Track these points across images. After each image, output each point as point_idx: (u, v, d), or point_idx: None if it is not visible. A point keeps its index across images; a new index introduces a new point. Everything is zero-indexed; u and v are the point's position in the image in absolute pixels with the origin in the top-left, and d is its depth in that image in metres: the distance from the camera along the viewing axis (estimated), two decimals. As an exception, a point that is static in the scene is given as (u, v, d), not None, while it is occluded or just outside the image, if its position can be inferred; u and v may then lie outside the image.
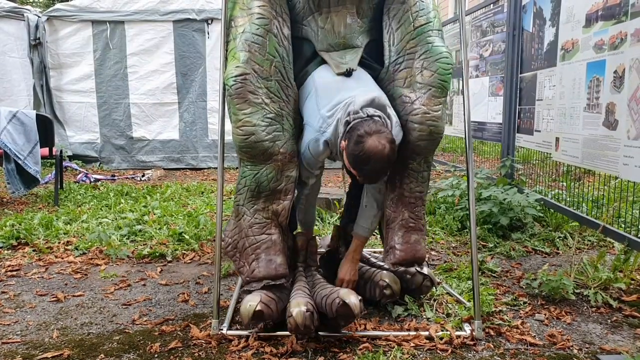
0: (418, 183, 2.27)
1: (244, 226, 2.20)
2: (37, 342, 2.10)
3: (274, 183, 2.17)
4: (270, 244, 2.18)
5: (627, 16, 2.63)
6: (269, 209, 2.20)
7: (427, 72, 2.20)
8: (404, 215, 2.27)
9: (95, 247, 3.33)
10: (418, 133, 2.17)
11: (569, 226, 3.68)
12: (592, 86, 2.96)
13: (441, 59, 2.19)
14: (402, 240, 2.27)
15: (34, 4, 16.34)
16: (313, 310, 2.01)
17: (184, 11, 6.94)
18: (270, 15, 2.16)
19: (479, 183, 4.01)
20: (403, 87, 2.25)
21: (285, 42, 2.20)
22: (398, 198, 2.28)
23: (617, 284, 2.58)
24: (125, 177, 6.38)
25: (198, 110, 7.17)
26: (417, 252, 2.29)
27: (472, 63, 5.04)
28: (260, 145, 2.11)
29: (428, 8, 2.26)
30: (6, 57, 6.85)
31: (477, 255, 3.13)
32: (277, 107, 2.16)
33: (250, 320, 2.06)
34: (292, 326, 1.98)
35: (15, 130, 4.31)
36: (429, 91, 2.19)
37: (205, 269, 3.02)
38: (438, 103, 2.19)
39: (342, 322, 2.07)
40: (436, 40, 2.23)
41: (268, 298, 2.10)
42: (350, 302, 1.97)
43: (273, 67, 2.14)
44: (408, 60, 2.25)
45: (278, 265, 2.17)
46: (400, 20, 2.28)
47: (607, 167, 2.82)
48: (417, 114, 2.17)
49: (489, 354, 1.99)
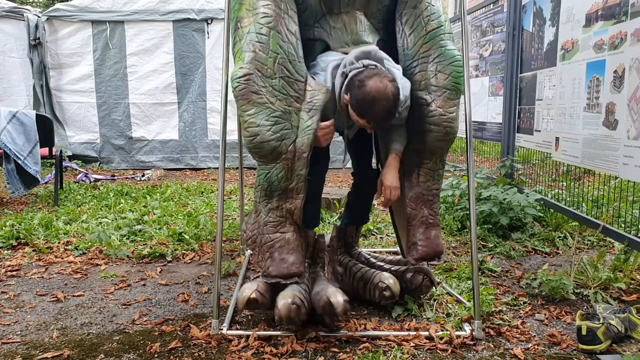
0: (435, 181, 2.39)
1: (261, 223, 2.25)
2: (37, 342, 2.09)
3: (285, 182, 2.18)
4: (284, 243, 2.21)
5: (627, 16, 2.64)
6: (283, 207, 2.22)
7: (442, 75, 2.27)
8: (423, 213, 2.37)
9: (95, 247, 3.33)
10: (435, 134, 2.28)
11: (569, 226, 3.68)
12: (592, 86, 2.96)
13: (454, 62, 2.27)
14: (423, 237, 2.37)
15: (33, 4, 16.33)
16: (300, 303, 2.07)
17: (184, 11, 6.94)
18: (274, 14, 2.15)
19: (478, 183, 4.01)
20: (419, 90, 2.32)
21: (291, 37, 2.18)
22: (417, 196, 2.37)
23: (617, 283, 2.58)
24: (125, 177, 6.38)
25: (198, 110, 7.17)
26: (437, 247, 2.39)
27: (472, 63, 5.04)
28: (267, 145, 2.11)
29: (439, 12, 2.32)
30: (6, 57, 6.85)
31: (477, 255, 3.13)
32: (284, 104, 2.15)
33: (244, 307, 2.16)
34: (277, 317, 2.06)
35: (15, 130, 4.31)
36: (444, 94, 2.27)
37: (205, 269, 3.02)
38: (453, 105, 2.28)
39: (327, 319, 2.14)
40: (448, 43, 2.30)
41: (265, 287, 2.18)
42: (334, 301, 2.05)
43: (277, 64, 2.13)
44: (422, 64, 2.32)
45: (290, 264, 2.19)
46: (413, 25, 2.33)
47: (607, 167, 2.82)
48: (433, 116, 2.26)
49: (489, 354, 1.99)
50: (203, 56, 7.05)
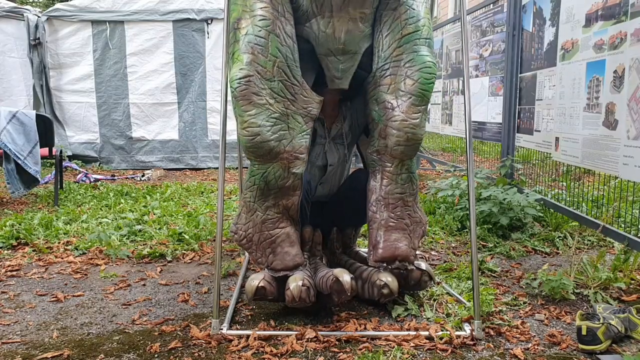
0: (397, 185, 2.35)
1: (257, 222, 2.30)
2: (37, 342, 2.10)
3: (282, 181, 2.24)
4: (284, 237, 2.30)
5: (626, 16, 2.64)
6: (280, 204, 2.29)
7: (410, 81, 2.25)
8: (383, 216, 2.35)
9: (95, 247, 3.33)
10: (395, 138, 2.27)
11: (569, 226, 3.68)
12: (592, 86, 2.96)
13: (424, 68, 2.24)
14: (382, 239, 2.35)
15: (33, 4, 16.33)
16: (309, 285, 2.18)
17: (184, 11, 6.94)
18: (272, 16, 2.17)
19: (478, 183, 4.01)
20: (387, 93, 2.31)
21: (288, 40, 2.21)
22: (377, 200, 2.37)
23: (617, 283, 2.58)
24: (125, 177, 6.38)
25: (198, 110, 7.17)
26: (397, 250, 2.34)
27: (472, 63, 5.04)
28: (266, 145, 2.16)
29: (418, 16, 2.28)
30: (6, 57, 6.85)
31: (477, 255, 3.13)
32: (282, 106, 2.20)
33: (253, 296, 2.23)
34: (289, 298, 2.16)
35: (15, 130, 4.31)
36: (409, 99, 2.25)
37: (205, 269, 3.02)
38: (417, 111, 2.26)
39: (335, 298, 2.21)
40: (422, 49, 2.27)
41: (271, 277, 2.27)
42: (342, 279, 2.14)
43: (276, 67, 2.17)
44: (394, 67, 2.30)
45: (293, 256, 2.29)
46: (390, 27, 2.31)
47: (607, 167, 2.82)
48: (395, 121, 2.26)
49: (489, 354, 2.00)
50: (203, 56, 7.05)
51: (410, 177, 2.37)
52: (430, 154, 7.52)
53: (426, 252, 3.31)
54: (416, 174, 2.42)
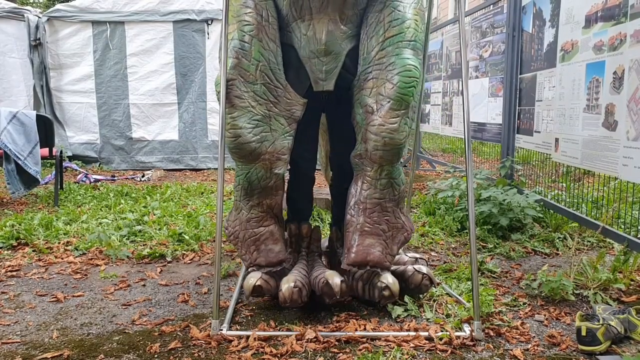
0: (376, 190, 2.31)
1: (243, 220, 2.37)
2: (37, 343, 2.10)
3: (264, 181, 2.32)
4: (268, 235, 2.37)
5: (626, 17, 2.64)
6: (263, 203, 2.37)
7: (389, 85, 2.21)
8: (359, 220, 2.34)
9: (95, 248, 3.33)
10: (374, 143, 2.25)
11: (569, 227, 3.68)
12: (592, 87, 2.96)
13: (403, 72, 2.18)
14: (356, 243, 2.33)
15: (34, 4, 16.35)
16: (301, 286, 2.24)
17: (184, 12, 6.95)
18: (256, 22, 2.23)
19: (478, 184, 4.01)
20: (368, 96, 2.28)
21: (271, 44, 2.26)
22: (356, 203, 2.36)
23: (617, 284, 2.59)
24: (125, 178, 6.38)
25: (198, 111, 7.17)
26: (369, 255, 2.30)
27: (472, 64, 5.04)
28: (248, 147, 2.24)
29: (403, 18, 2.24)
30: (6, 57, 6.85)
31: (477, 255, 3.14)
32: (264, 109, 2.26)
33: (251, 294, 2.30)
34: (281, 299, 2.22)
35: (16, 130, 4.31)
36: (388, 103, 2.21)
37: (205, 269, 3.03)
38: (396, 116, 2.20)
39: (326, 299, 2.27)
40: (405, 52, 2.21)
41: (268, 275, 2.34)
42: (332, 282, 2.20)
43: (259, 71, 2.23)
44: (376, 71, 2.27)
45: (277, 253, 2.37)
46: (375, 29, 2.28)
47: (607, 168, 2.83)
48: (374, 125, 2.24)
49: (489, 355, 2.00)
50: (203, 57, 7.06)
51: (390, 182, 2.31)
52: (430, 155, 7.53)
53: (426, 252, 3.32)
54: (400, 179, 2.34)
